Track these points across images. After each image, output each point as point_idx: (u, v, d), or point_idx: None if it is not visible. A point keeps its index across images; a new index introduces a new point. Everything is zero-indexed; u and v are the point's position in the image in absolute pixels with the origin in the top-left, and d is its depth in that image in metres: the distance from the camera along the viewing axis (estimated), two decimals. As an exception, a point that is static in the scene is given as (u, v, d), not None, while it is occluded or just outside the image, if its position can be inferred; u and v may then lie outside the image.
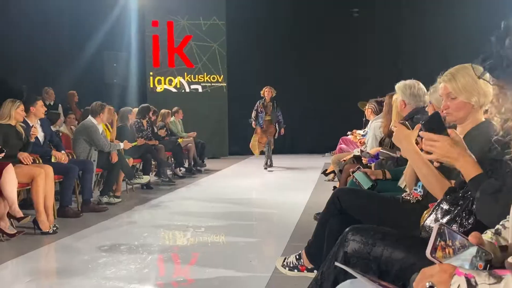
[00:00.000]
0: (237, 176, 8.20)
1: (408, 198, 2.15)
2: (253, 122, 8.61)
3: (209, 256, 3.53)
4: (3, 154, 4.02)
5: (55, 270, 3.42)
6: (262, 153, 8.85)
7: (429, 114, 2.38)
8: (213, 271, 3.17)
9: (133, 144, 6.28)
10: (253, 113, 8.60)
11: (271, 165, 8.82)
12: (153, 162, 7.11)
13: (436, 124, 1.55)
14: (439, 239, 1.12)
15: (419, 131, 1.61)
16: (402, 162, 2.78)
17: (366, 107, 5.07)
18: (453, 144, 1.51)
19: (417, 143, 1.86)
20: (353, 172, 2.70)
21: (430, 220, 1.63)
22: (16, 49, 7.89)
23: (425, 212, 1.83)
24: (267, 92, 8.48)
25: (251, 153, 11.18)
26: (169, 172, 7.48)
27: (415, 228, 1.75)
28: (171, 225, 4.55)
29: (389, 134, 3.59)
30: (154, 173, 7.30)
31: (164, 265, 3.44)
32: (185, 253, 3.64)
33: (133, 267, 3.27)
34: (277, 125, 8.60)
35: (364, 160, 3.53)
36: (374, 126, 4.12)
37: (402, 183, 2.43)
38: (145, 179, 6.29)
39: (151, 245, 3.82)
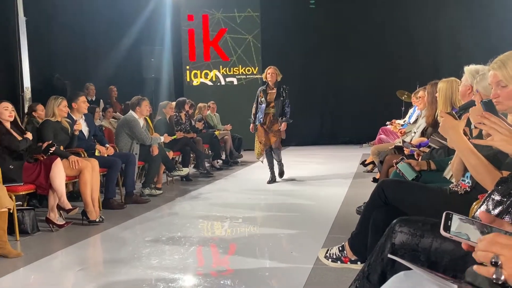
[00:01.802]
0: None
1: (456, 189, 2.10)
2: (252, 124, 6.26)
3: (249, 247, 3.56)
4: (54, 148, 4.20)
5: (102, 260, 3.55)
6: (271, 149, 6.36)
7: (476, 103, 2.32)
8: (254, 262, 3.20)
9: (173, 137, 6.41)
10: (253, 108, 6.26)
11: (281, 174, 6.51)
12: (191, 155, 7.23)
13: (490, 111, 1.51)
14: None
15: (482, 112, 1.54)
16: (453, 150, 2.69)
17: (418, 95, 4.87)
18: None
19: (465, 134, 1.82)
20: (396, 163, 2.66)
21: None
22: (59, 47, 8.16)
23: (474, 203, 1.79)
24: (270, 75, 6.08)
25: (287, 144, 11.20)
26: (207, 164, 7.59)
27: (464, 220, 1.71)
28: (210, 216, 4.62)
29: (432, 124, 3.50)
30: (192, 166, 7.43)
31: (205, 256, 3.50)
32: (226, 244, 3.70)
33: (177, 257, 3.35)
34: (279, 120, 6.11)
35: (406, 151, 3.47)
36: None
37: (448, 173, 2.38)
38: (185, 171, 6.41)
39: (192, 236, 3.90)
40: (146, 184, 5.65)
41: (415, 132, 4.36)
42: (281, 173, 6.53)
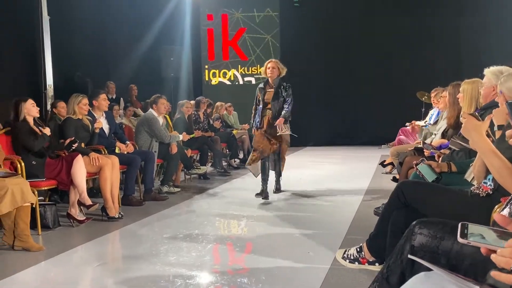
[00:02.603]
0: (291, 167, 8.15)
1: (478, 191, 2.07)
2: (253, 128, 5.42)
3: (266, 246, 3.57)
4: (76, 144, 4.29)
5: (121, 255, 3.61)
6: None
7: (500, 104, 2.27)
8: (270, 261, 3.21)
9: (191, 135, 6.46)
10: (253, 109, 5.44)
11: (277, 191, 5.52)
12: (209, 153, 7.28)
13: None
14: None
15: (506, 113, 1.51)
16: (475, 153, 2.65)
17: (440, 96, 4.78)
18: None
19: (487, 135, 1.79)
20: (416, 164, 2.63)
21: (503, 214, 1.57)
22: (80, 46, 8.30)
23: (496, 206, 1.76)
24: (270, 70, 5.08)
25: (305, 144, 11.16)
26: (224, 163, 7.62)
27: (485, 223, 1.69)
28: (227, 215, 4.64)
29: (454, 125, 3.45)
30: (210, 164, 7.47)
31: (222, 254, 3.52)
32: (242, 242, 3.71)
33: (194, 254, 3.38)
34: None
35: (426, 152, 3.43)
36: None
37: (469, 176, 2.34)
38: (202, 169, 6.45)
39: (209, 234, 3.92)
40: (164, 181, 5.70)
41: (435, 134, 4.30)
42: (278, 189, 5.52)
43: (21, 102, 4.14)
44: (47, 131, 4.22)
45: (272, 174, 5.45)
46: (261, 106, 5.21)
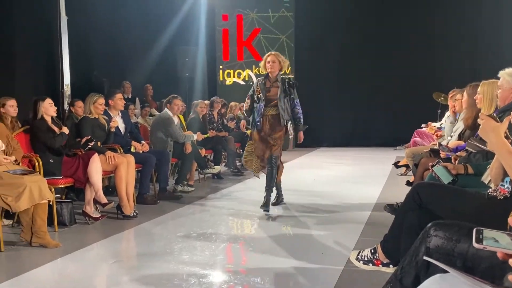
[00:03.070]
0: (305, 168, 8.18)
1: (495, 194, 2.04)
2: (242, 124, 4.82)
3: (279, 246, 3.57)
4: (92, 143, 4.35)
5: (136, 253, 3.64)
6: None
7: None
8: (283, 261, 3.21)
9: (205, 135, 6.49)
10: (245, 104, 4.79)
11: (277, 202, 4.95)
12: (223, 153, 7.30)
13: None
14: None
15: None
16: (492, 155, 2.62)
17: (455, 99, 4.73)
18: None
19: (506, 137, 1.77)
20: (432, 166, 2.60)
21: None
22: (97, 46, 8.41)
23: (513, 209, 1.73)
24: (270, 64, 4.58)
25: (319, 145, 11.13)
26: (238, 163, 7.64)
27: (502, 225, 1.67)
28: (241, 214, 4.65)
29: (471, 126, 3.41)
30: (224, 164, 7.50)
31: (235, 253, 3.54)
32: (255, 242, 3.72)
33: (207, 253, 3.40)
34: (290, 125, 4.67)
35: (442, 154, 3.39)
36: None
37: (486, 178, 2.31)
38: (216, 169, 6.48)
39: (222, 233, 3.94)
40: (179, 180, 5.75)
41: (452, 136, 4.24)
42: (278, 198, 4.94)
43: (39, 101, 4.22)
44: (65, 130, 4.29)
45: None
46: (262, 104, 4.58)
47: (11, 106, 4.44)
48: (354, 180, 6.66)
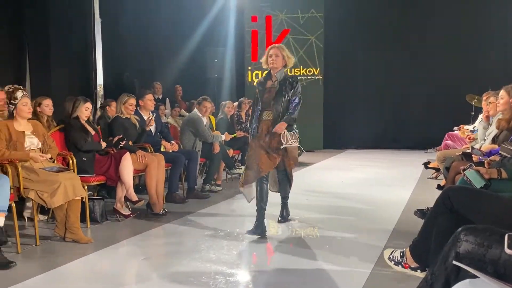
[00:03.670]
0: (332, 169, 8.12)
1: (529, 199, 1.99)
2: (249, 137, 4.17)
3: (306, 247, 3.56)
4: (124, 142, 4.45)
5: (164, 251, 3.70)
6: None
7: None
8: (310, 262, 3.20)
9: (233, 135, 6.54)
10: (250, 112, 4.30)
11: (282, 219, 4.30)
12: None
13: None
14: None
15: None
16: (526, 160, 2.55)
17: (490, 100, 4.60)
18: None
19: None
20: (464, 170, 2.55)
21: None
22: (129, 47, 8.61)
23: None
24: (272, 58, 3.93)
25: (346, 147, 11.02)
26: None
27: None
28: (268, 215, 4.58)
29: (509, 129, 3.32)
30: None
31: (262, 253, 3.55)
32: (282, 243, 3.73)
33: (234, 252, 3.43)
34: (286, 133, 3.87)
35: (475, 158, 3.31)
36: None
37: (521, 183, 2.25)
38: (243, 169, 6.50)
39: (250, 233, 3.95)
40: (207, 180, 5.81)
41: (485, 139, 4.14)
42: (284, 216, 4.30)
43: (80, 101, 4.35)
44: (103, 144, 4.40)
45: (273, 197, 4.28)
46: (259, 107, 3.95)
47: (47, 106, 4.61)
48: (383, 183, 6.57)
